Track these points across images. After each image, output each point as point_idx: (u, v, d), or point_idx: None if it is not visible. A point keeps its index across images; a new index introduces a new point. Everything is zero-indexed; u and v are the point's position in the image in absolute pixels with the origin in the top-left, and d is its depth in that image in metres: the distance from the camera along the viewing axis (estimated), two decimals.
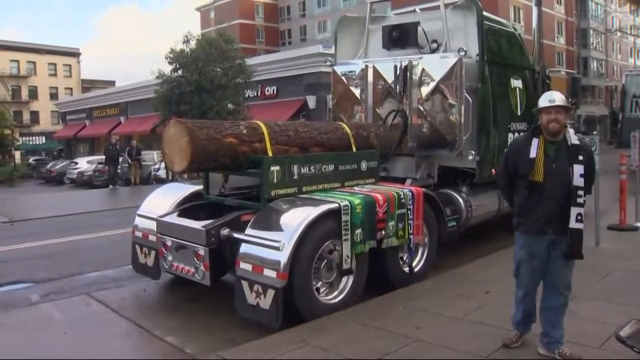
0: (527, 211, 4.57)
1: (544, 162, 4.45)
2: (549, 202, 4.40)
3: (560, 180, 4.35)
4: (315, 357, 4.74)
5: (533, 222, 4.52)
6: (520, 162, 4.57)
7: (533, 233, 4.54)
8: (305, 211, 5.77)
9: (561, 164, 4.41)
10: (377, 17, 9.96)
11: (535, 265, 4.57)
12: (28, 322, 6.31)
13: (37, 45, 71.18)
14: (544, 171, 4.43)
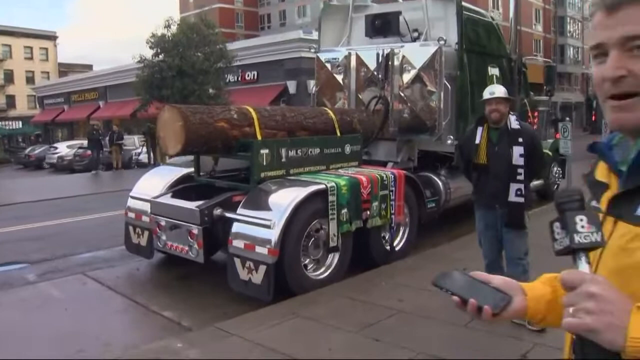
0: (479, 189, 5.33)
1: (487, 146, 5.16)
2: (494, 181, 5.06)
3: (503, 161, 5.01)
4: (306, 327, 5.09)
5: (483, 198, 5.26)
6: (469, 148, 5.31)
7: (485, 208, 5.29)
8: (294, 192, 6.11)
9: (502, 147, 5.08)
10: (360, 6, 10.25)
11: (491, 235, 5.29)
12: (28, 300, 6.58)
13: (13, 28, 69.99)
14: (487, 154, 5.15)
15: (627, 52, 1.08)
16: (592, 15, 1.15)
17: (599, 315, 0.97)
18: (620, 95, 1.10)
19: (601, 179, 1.24)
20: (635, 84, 1.08)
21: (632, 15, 1.08)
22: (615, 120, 1.13)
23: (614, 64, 1.09)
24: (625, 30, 1.08)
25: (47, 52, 73.69)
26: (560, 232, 1.07)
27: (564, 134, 9.30)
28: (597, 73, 1.15)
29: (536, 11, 62.05)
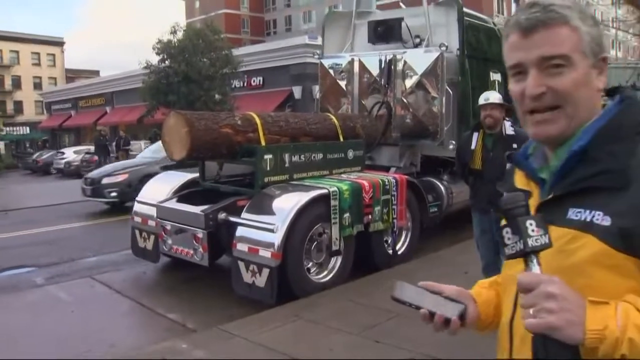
0: (475, 194, 5.50)
1: (482, 152, 5.30)
2: (488, 185, 5.10)
3: (497, 166, 5.02)
4: (308, 329, 5.19)
5: (479, 202, 5.40)
6: (465, 153, 5.44)
7: (481, 212, 5.42)
8: (297, 196, 6.22)
9: (497, 153, 5.16)
10: (363, 13, 10.38)
11: (487, 238, 5.41)
12: (36, 303, 6.73)
13: (21, 35, 70.52)
14: (482, 159, 5.29)
15: (545, 71, 1.22)
16: (507, 36, 1.29)
17: (560, 314, 1.05)
18: (541, 109, 1.23)
19: (522, 187, 1.35)
20: (555, 98, 1.22)
21: (546, 38, 1.22)
22: (539, 133, 1.27)
23: (535, 82, 1.23)
24: (541, 52, 1.21)
25: (54, 58, 74.20)
26: (511, 237, 1.13)
27: None
28: (516, 89, 1.28)
29: None
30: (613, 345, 1.05)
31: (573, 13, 1.24)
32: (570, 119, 1.24)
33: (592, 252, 1.16)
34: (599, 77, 1.28)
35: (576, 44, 1.23)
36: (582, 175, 1.21)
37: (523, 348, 1.26)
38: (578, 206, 1.20)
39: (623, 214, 1.14)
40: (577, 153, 1.23)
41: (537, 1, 1.25)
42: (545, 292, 1.06)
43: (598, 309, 1.08)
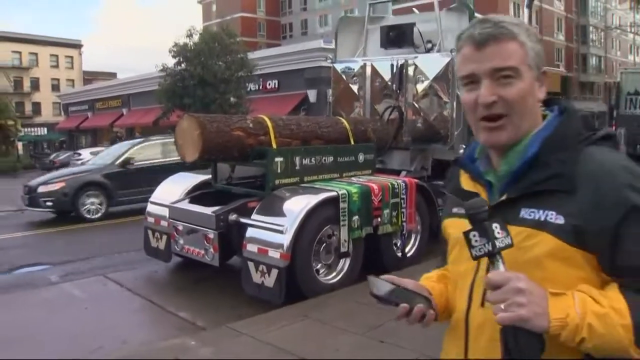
0: None
1: None
2: None
3: None
4: (315, 328, 5.29)
5: None
6: None
7: None
8: (307, 198, 6.32)
9: None
10: (376, 18, 10.47)
11: None
12: (51, 299, 6.89)
13: (39, 37, 71.43)
14: None
15: (496, 81, 1.34)
16: (460, 49, 1.40)
17: (528, 307, 1.17)
18: (492, 116, 1.34)
19: (469, 189, 1.47)
20: (505, 107, 1.35)
21: (498, 51, 1.34)
22: (489, 139, 1.39)
23: (487, 91, 1.34)
24: (493, 64, 1.34)
25: (72, 60, 75.00)
26: (479, 240, 1.24)
27: None
28: (468, 98, 1.40)
29: (558, 20, 61.87)
30: (574, 331, 1.20)
31: (520, 30, 1.38)
32: (517, 127, 1.37)
33: (549, 248, 1.29)
34: (540, 88, 1.42)
35: (523, 57, 1.36)
36: (535, 179, 1.34)
37: (480, 337, 1.38)
38: (531, 207, 1.33)
39: (574, 214, 1.28)
40: (530, 159, 1.36)
41: (489, 18, 1.38)
42: (514, 287, 1.19)
43: (558, 299, 1.22)
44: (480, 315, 1.38)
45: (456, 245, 1.50)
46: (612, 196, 1.27)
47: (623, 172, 1.31)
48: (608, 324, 1.20)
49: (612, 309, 1.21)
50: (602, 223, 1.26)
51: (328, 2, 68.18)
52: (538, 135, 1.39)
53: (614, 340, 1.21)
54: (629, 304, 1.22)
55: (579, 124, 1.43)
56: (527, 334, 1.19)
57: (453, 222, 1.54)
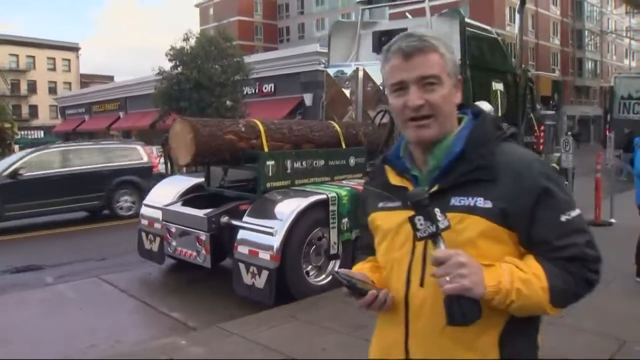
0: None
1: None
2: None
3: None
4: (304, 329, 5.40)
5: None
6: None
7: None
8: (297, 201, 6.43)
9: None
10: (369, 23, 10.62)
11: None
12: (45, 300, 6.98)
13: (37, 40, 71.52)
14: None
15: (422, 87, 1.56)
16: (389, 60, 1.59)
17: (469, 277, 1.38)
18: (419, 117, 1.55)
19: (398, 184, 1.66)
20: (430, 109, 1.56)
21: (423, 62, 1.55)
22: (417, 136, 1.60)
23: (415, 96, 1.56)
24: (420, 72, 1.55)
25: (69, 63, 75.11)
26: (423, 224, 1.43)
27: (565, 148, 9.55)
28: (397, 102, 1.60)
29: (554, 24, 62.16)
30: (505, 295, 1.43)
31: (440, 43, 1.60)
32: (441, 125, 1.59)
33: (481, 228, 1.51)
34: (456, 93, 1.64)
35: (443, 67, 1.58)
36: (462, 171, 1.55)
37: (421, 315, 1.56)
38: (460, 195, 1.54)
39: (499, 198, 1.51)
40: (458, 154, 1.58)
41: (413, 33, 1.61)
42: (457, 262, 1.39)
43: (490, 270, 1.45)
44: (421, 294, 1.55)
45: (387, 235, 1.67)
46: (529, 182, 1.52)
47: (536, 163, 1.58)
48: (531, 288, 1.45)
49: (533, 275, 1.47)
50: (522, 204, 1.51)
51: (325, 6, 68.48)
52: (461, 134, 1.62)
53: (535, 301, 1.46)
54: (545, 271, 1.48)
55: (491, 125, 1.67)
56: (468, 301, 1.38)
57: (381, 215, 1.71)
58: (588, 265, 1.53)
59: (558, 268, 1.49)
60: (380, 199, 1.72)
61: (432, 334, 1.54)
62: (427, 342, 1.56)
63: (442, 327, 1.46)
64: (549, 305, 1.48)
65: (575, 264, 1.51)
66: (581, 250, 1.52)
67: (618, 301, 6.04)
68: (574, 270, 1.51)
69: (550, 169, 1.63)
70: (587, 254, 1.53)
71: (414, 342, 1.59)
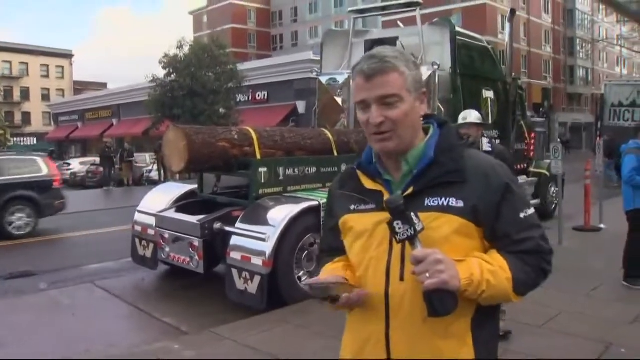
0: None
1: None
2: None
3: None
4: (295, 333, 5.48)
5: None
6: None
7: None
8: (289, 207, 6.52)
9: None
10: (360, 31, 10.76)
11: None
12: (39, 306, 7.03)
13: (30, 47, 71.45)
14: None
15: (383, 105, 1.69)
16: (354, 79, 1.76)
17: (447, 272, 1.52)
18: (380, 132, 1.70)
19: (372, 188, 1.79)
20: (390, 125, 1.69)
21: (383, 82, 1.68)
22: (381, 147, 1.74)
23: (376, 114, 1.69)
24: (380, 92, 1.68)
25: (62, 70, 75.06)
26: (402, 227, 1.56)
27: (554, 155, 9.66)
28: (363, 118, 1.73)
29: (545, 32, 62.56)
30: (477, 286, 1.59)
31: (400, 62, 1.71)
32: (400, 137, 1.71)
33: (455, 226, 1.66)
34: (420, 105, 1.77)
35: (403, 84, 1.70)
36: (435, 174, 1.70)
37: (401, 308, 1.68)
38: (433, 196, 1.69)
39: (469, 198, 1.67)
40: (431, 160, 1.73)
41: (375, 54, 1.73)
42: (434, 259, 1.53)
43: (463, 264, 1.61)
44: (401, 288, 1.67)
45: (362, 236, 1.78)
46: (495, 182, 1.71)
47: (498, 166, 1.78)
48: (498, 279, 1.62)
49: (499, 267, 1.64)
50: (490, 201, 1.68)
51: (318, 14, 68.72)
52: (430, 142, 1.77)
53: (502, 290, 1.64)
54: (508, 263, 1.66)
55: (455, 134, 1.88)
56: (447, 294, 1.53)
57: (354, 217, 1.82)
58: (544, 257, 1.74)
59: (518, 260, 1.68)
60: (352, 202, 1.83)
61: (413, 325, 1.66)
62: (409, 333, 1.67)
63: (423, 318, 1.59)
64: (513, 294, 1.67)
65: (533, 256, 1.71)
66: (537, 243, 1.72)
67: (605, 305, 6.17)
68: (531, 262, 1.70)
69: (510, 171, 1.82)
70: (542, 246, 1.73)
71: (396, 334, 1.69)
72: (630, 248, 6.95)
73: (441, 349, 1.66)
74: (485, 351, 1.72)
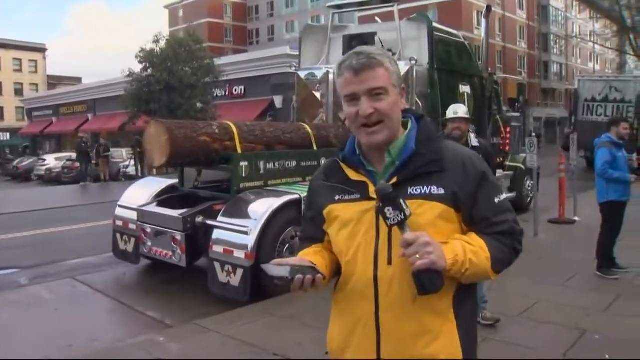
0: None
1: None
2: None
3: None
4: (279, 324, 5.56)
5: None
6: None
7: None
8: (270, 201, 6.60)
9: None
10: (339, 27, 10.83)
11: None
12: (20, 302, 7.00)
13: (2, 40, 70.30)
14: None
15: (371, 98, 1.82)
16: (341, 75, 1.86)
17: (434, 253, 1.66)
18: (370, 124, 1.82)
19: (357, 179, 1.90)
20: (379, 116, 1.82)
21: (371, 76, 1.81)
22: (370, 140, 1.85)
23: (366, 105, 1.81)
24: (369, 85, 1.81)
25: (36, 65, 73.98)
26: (392, 213, 1.69)
27: (530, 149, 9.85)
28: (351, 111, 1.84)
29: (520, 28, 63.15)
30: (461, 265, 1.73)
31: (385, 59, 1.86)
32: (390, 129, 1.85)
33: (439, 211, 1.80)
34: (401, 100, 1.91)
35: (389, 79, 1.84)
36: (417, 165, 1.84)
37: (391, 290, 1.80)
38: (416, 185, 1.82)
39: (449, 185, 1.81)
40: (412, 151, 1.86)
41: (361, 50, 1.86)
42: (423, 242, 1.66)
43: (447, 246, 1.74)
44: (390, 271, 1.80)
45: (349, 224, 1.90)
46: (472, 170, 1.86)
47: (474, 156, 1.94)
48: (479, 257, 1.77)
49: (479, 247, 1.79)
50: (468, 189, 1.83)
51: (295, 9, 68.63)
52: (410, 135, 1.91)
53: (482, 268, 1.79)
54: (486, 243, 1.81)
55: (433, 127, 2.05)
56: (434, 273, 1.66)
57: (340, 207, 1.93)
58: (516, 237, 1.90)
59: (495, 241, 1.83)
60: (337, 192, 1.94)
61: (401, 304, 1.79)
62: (398, 312, 1.80)
63: (413, 297, 1.74)
64: (491, 271, 1.82)
65: (507, 236, 1.87)
66: (511, 226, 1.89)
67: (579, 294, 6.35)
68: (506, 242, 1.86)
69: (483, 161, 2.01)
70: (515, 228, 1.90)
71: (386, 314, 1.81)
72: (602, 239, 7.17)
73: (427, 325, 1.79)
74: (465, 325, 1.85)
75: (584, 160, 20.78)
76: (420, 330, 1.79)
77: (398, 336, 1.80)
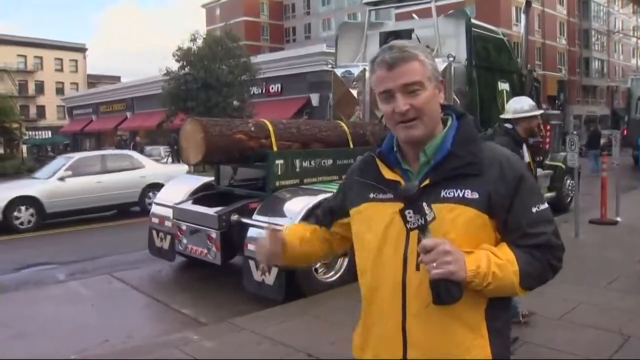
0: None
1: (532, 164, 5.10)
2: None
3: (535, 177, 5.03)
4: (313, 324, 5.51)
5: None
6: None
7: None
8: (306, 199, 6.53)
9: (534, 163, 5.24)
10: (375, 24, 10.72)
11: None
12: (58, 296, 7.12)
13: (44, 41, 71.82)
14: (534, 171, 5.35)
15: (407, 94, 1.73)
16: (374, 71, 1.79)
17: (454, 263, 1.57)
18: (406, 120, 1.74)
19: (391, 178, 1.81)
20: (415, 112, 1.73)
21: (405, 70, 1.72)
22: (407, 135, 1.76)
23: (402, 102, 1.73)
24: (403, 80, 1.72)
25: (76, 64, 75.43)
26: (413, 216, 1.59)
27: (570, 147, 9.59)
28: (387, 108, 1.77)
29: (560, 24, 62.02)
30: (483, 278, 1.63)
31: (419, 52, 1.76)
32: (426, 125, 1.76)
33: (470, 216, 1.69)
34: (439, 94, 1.80)
35: (424, 73, 1.74)
36: (453, 166, 1.74)
37: (419, 295, 1.70)
38: (449, 188, 1.72)
39: (484, 189, 1.70)
40: (449, 152, 1.76)
41: (394, 44, 1.78)
42: (442, 250, 1.56)
43: (471, 256, 1.63)
44: (417, 277, 1.71)
45: (380, 224, 1.82)
46: (509, 173, 1.73)
47: (512, 157, 1.81)
48: (505, 271, 1.65)
49: (507, 260, 1.67)
50: (504, 193, 1.71)
51: (331, 6, 68.59)
52: (448, 134, 1.81)
53: (508, 283, 1.67)
54: (516, 256, 1.69)
55: (474, 126, 1.88)
56: (452, 283, 1.57)
57: (372, 206, 1.86)
58: (553, 252, 1.75)
59: (527, 254, 1.70)
60: (371, 190, 1.86)
61: (429, 313, 1.69)
62: (425, 320, 1.71)
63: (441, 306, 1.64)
64: (519, 287, 1.69)
65: (543, 251, 1.73)
66: (548, 238, 1.74)
67: (623, 297, 6.13)
68: (541, 257, 1.72)
69: (524, 164, 1.90)
70: (553, 242, 1.75)
71: (413, 321, 1.73)
72: None
73: (457, 337, 1.70)
74: (499, 342, 1.76)
75: (632, 159, 20.28)
76: (448, 342, 1.71)
77: (425, 346, 1.73)
